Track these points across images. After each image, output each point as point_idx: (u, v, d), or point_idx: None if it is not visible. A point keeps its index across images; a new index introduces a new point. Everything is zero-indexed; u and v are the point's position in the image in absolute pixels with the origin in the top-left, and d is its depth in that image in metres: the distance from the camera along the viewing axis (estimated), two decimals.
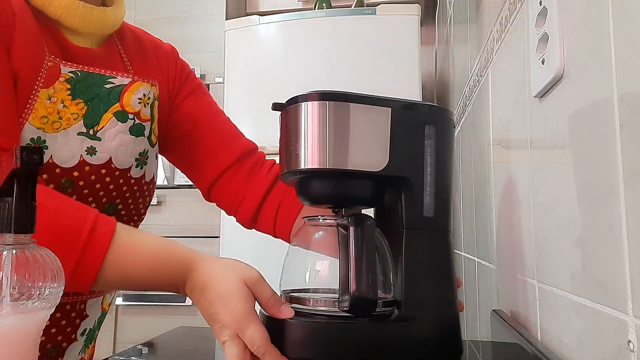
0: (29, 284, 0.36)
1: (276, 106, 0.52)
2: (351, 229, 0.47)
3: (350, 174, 0.50)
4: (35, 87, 0.57)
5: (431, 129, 0.51)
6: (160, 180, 1.80)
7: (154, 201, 1.76)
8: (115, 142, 0.62)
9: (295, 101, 0.50)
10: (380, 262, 0.51)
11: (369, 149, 0.49)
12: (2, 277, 0.35)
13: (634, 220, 0.34)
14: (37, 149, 0.36)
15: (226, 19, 1.76)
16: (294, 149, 0.49)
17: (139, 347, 0.64)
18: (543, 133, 0.55)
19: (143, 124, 0.66)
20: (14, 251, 0.36)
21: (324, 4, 1.75)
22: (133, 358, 0.60)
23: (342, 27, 1.50)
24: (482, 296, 0.98)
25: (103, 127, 0.62)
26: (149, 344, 0.67)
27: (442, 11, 1.78)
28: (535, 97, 0.57)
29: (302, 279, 0.53)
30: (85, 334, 0.67)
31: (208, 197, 0.78)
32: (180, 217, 1.76)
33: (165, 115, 0.73)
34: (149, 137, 0.67)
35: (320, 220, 0.54)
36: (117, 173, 0.63)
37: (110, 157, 0.62)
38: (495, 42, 0.82)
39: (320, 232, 0.56)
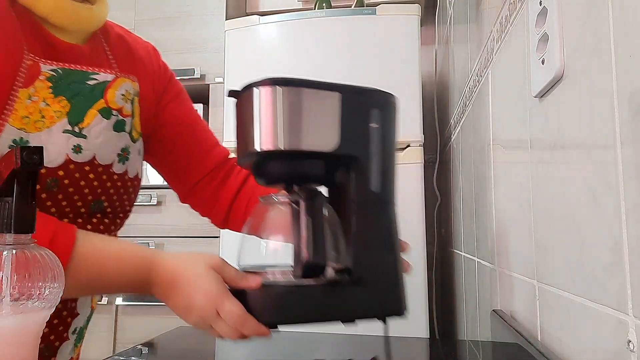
0: (29, 284, 0.36)
1: (232, 93, 0.55)
2: (302, 202, 0.51)
3: (304, 154, 0.53)
4: (14, 87, 0.56)
5: (377, 112, 0.55)
6: (160, 180, 1.79)
7: (153, 201, 1.76)
8: (100, 139, 0.63)
9: (248, 87, 0.53)
10: (332, 234, 0.55)
11: (321, 131, 0.52)
12: (2, 277, 0.35)
13: (634, 220, 0.34)
14: (37, 148, 0.36)
15: (226, 19, 1.76)
16: (248, 133, 0.52)
17: (139, 347, 0.64)
18: (543, 133, 0.55)
19: (125, 119, 0.66)
20: (14, 251, 0.36)
21: (324, 4, 1.75)
22: (133, 358, 0.60)
23: (342, 27, 1.50)
24: (482, 296, 0.98)
25: (89, 124, 0.62)
26: (149, 344, 0.67)
27: (442, 11, 1.78)
28: (535, 97, 0.57)
29: (258, 256, 0.57)
30: (76, 332, 0.67)
31: (184, 200, 0.82)
32: (180, 217, 1.76)
33: (151, 114, 0.73)
34: (130, 133, 0.68)
35: (274, 199, 0.58)
36: (100, 169, 0.63)
37: (95, 154, 0.62)
38: (495, 42, 0.82)
39: (272, 219, 0.60)
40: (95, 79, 0.63)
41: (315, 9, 1.74)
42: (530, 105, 0.60)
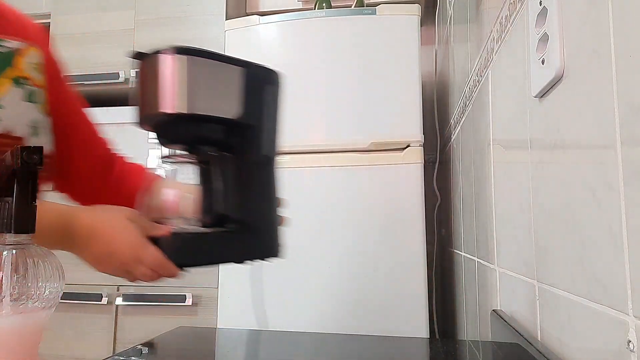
0: (29, 284, 0.36)
1: (137, 55, 0.59)
2: (213, 163, 0.60)
3: (209, 119, 0.58)
4: None
5: (269, 87, 0.63)
6: None
7: None
8: (14, 110, 0.61)
9: (159, 53, 0.56)
10: (229, 190, 0.63)
11: (226, 99, 0.59)
12: (2, 277, 0.35)
13: (634, 220, 0.34)
14: (37, 148, 0.36)
15: (226, 19, 1.76)
16: (155, 96, 0.55)
17: (139, 347, 0.64)
18: (543, 133, 0.55)
19: (37, 89, 0.65)
20: (14, 251, 0.36)
21: (324, 4, 1.75)
22: (133, 358, 0.60)
23: (342, 27, 1.49)
24: (482, 296, 0.98)
25: (3, 93, 0.60)
26: (149, 344, 0.67)
27: (442, 11, 1.78)
28: (535, 97, 0.57)
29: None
30: None
31: (61, 189, 0.81)
32: None
33: (49, 91, 0.72)
34: (41, 105, 0.66)
35: (176, 158, 0.64)
36: (14, 143, 0.62)
37: (9, 126, 0.61)
38: (495, 42, 0.82)
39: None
40: (5, 46, 0.62)
41: (315, 9, 1.74)
42: (530, 105, 0.60)
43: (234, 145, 0.62)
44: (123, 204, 0.79)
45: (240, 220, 0.61)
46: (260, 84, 0.62)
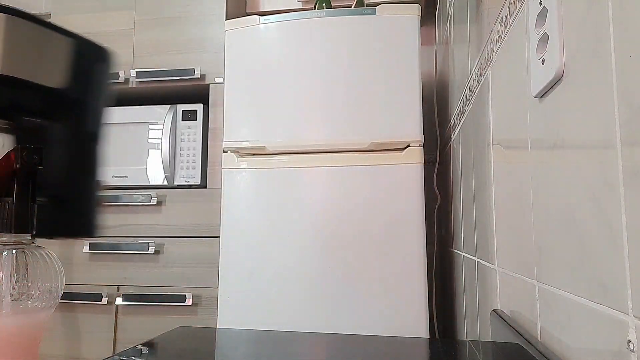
0: (29, 284, 0.36)
1: None
2: (30, 132, 0.57)
3: (26, 83, 0.56)
4: None
5: (99, 64, 0.64)
6: (160, 180, 1.79)
7: (153, 201, 1.75)
8: None
9: None
10: (49, 163, 0.62)
11: (49, 67, 0.57)
12: (2, 277, 0.35)
13: (634, 221, 0.34)
14: (37, 148, 0.36)
15: (226, 19, 1.76)
16: None
17: (139, 347, 0.64)
18: (543, 133, 0.55)
19: None
20: (14, 251, 0.36)
21: (324, 4, 1.75)
22: (133, 358, 0.60)
23: (342, 27, 1.50)
24: (482, 296, 0.98)
25: None
26: (149, 344, 0.67)
27: (442, 11, 1.78)
28: (535, 97, 0.57)
29: None
30: None
31: None
32: (180, 217, 1.76)
33: None
34: None
35: None
36: None
37: None
38: (495, 42, 0.82)
39: None
40: None
41: (315, 9, 1.74)
42: (530, 105, 0.60)
43: (55, 117, 0.61)
44: None
45: (55, 195, 0.61)
46: (89, 58, 0.62)
